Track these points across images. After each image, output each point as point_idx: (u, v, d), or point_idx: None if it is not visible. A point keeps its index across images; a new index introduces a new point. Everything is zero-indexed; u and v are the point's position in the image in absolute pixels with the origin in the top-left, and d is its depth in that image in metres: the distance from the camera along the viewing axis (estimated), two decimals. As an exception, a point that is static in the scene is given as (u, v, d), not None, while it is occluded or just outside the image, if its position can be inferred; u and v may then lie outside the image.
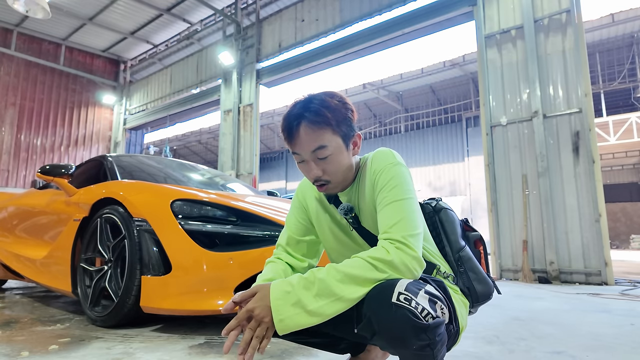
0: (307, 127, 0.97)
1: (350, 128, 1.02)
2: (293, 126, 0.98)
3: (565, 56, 4.83)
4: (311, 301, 0.83)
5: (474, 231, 1.24)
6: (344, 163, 1.01)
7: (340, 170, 1.01)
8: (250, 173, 8.08)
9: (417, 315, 0.78)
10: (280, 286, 0.85)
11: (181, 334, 1.90)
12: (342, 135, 1.00)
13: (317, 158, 0.99)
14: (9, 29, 10.24)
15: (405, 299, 0.79)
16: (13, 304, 2.67)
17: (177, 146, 23.47)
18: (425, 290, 0.84)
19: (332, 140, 0.98)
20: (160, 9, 9.52)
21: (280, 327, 0.83)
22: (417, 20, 6.27)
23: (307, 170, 1.02)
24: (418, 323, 0.78)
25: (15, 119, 10.23)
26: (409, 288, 0.81)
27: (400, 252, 0.86)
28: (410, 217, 0.92)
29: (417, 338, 0.78)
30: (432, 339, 0.79)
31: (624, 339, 1.93)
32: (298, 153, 1.01)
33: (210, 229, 1.92)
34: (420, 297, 0.81)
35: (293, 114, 0.99)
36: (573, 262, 4.50)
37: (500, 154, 5.15)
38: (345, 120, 1.00)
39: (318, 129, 0.97)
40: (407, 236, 0.88)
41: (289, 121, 0.99)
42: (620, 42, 13.58)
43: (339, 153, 1.00)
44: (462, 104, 16.45)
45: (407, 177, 0.98)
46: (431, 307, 0.81)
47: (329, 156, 0.99)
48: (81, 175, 2.90)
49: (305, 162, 1.01)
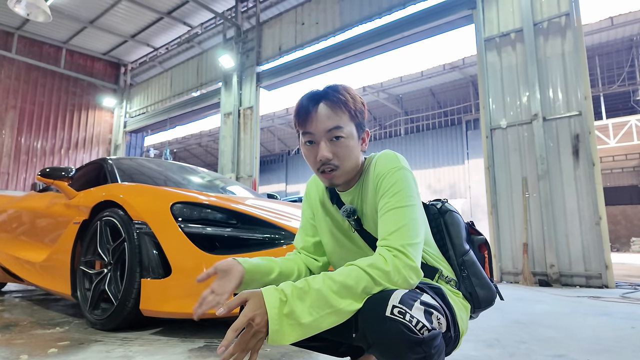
0: (328, 105, 0.98)
1: (363, 121, 1.04)
2: (311, 104, 0.99)
3: (564, 59, 4.84)
4: (305, 314, 0.79)
5: (479, 235, 1.22)
6: (354, 152, 1.01)
7: (349, 158, 1.00)
8: (251, 176, 8.09)
9: (412, 329, 0.77)
10: (275, 294, 0.80)
11: (181, 337, 1.89)
12: (357, 124, 1.01)
13: (332, 138, 0.98)
14: (10, 32, 10.27)
15: (399, 312, 0.77)
16: (12, 307, 2.66)
17: (177, 149, 23.49)
18: (420, 301, 0.82)
19: (348, 125, 0.99)
20: (160, 12, 9.55)
21: (272, 338, 0.78)
22: (417, 24, 6.29)
23: (316, 152, 0.99)
24: (413, 337, 0.76)
25: (15, 122, 10.24)
26: (404, 300, 0.79)
27: (398, 260, 0.85)
28: (410, 225, 0.90)
29: (412, 352, 0.77)
30: (427, 352, 0.77)
31: (625, 342, 1.92)
32: (311, 132, 0.99)
33: (210, 231, 1.91)
34: (415, 309, 0.79)
35: (315, 93, 1.00)
36: (573, 265, 4.49)
37: (500, 156, 5.16)
38: (361, 112, 1.02)
39: (338, 109, 0.98)
40: (405, 245, 0.87)
41: (309, 99, 1.00)
42: (619, 45, 13.62)
43: (352, 139, 1.00)
44: (462, 107, 16.48)
45: (410, 183, 0.97)
46: (427, 319, 0.80)
47: (343, 138, 0.98)
48: (81, 178, 2.90)
49: (315, 143, 1.00)
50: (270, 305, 0.78)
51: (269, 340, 0.78)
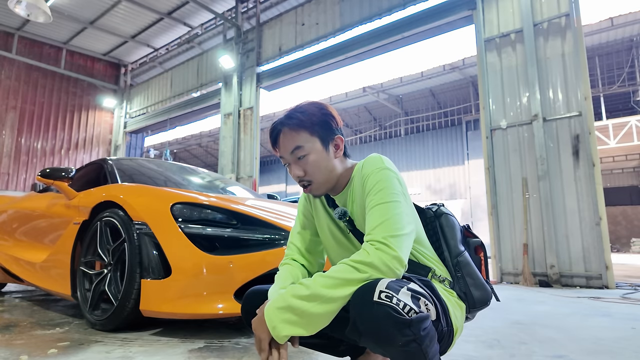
0: (285, 131, 1.08)
1: (330, 131, 1.09)
2: (277, 131, 1.10)
3: (564, 60, 4.84)
4: (299, 304, 0.86)
5: (475, 237, 1.24)
6: (323, 164, 1.07)
7: (320, 171, 1.07)
8: (251, 176, 8.09)
9: (399, 311, 0.79)
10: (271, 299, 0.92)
11: (180, 337, 1.89)
12: (320, 137, 1.07)
13: (297, 158, 1.07)
14: (10, 32, 10.28)
15: (386, 296, 0.80)
16: (12, 308, 2.66)
17: (178, 149, 23.48)
18: (407, 287, 0.84)
19: (309, 141, 1.06)
20: (161, 13, 9.56)
21: (275, 334, 0.87)
22: (417, 24, 6.29)
23: (291, 172, 1.11)
24: (400, 318, 0.79)
25: (15, 123, 10.25)
26: (390, 286, 0.82)
27: (380, 252, 0.88)
28: (393, 219, 0.93)
29: (401, 334, 0.79)
30: (416, 334, 0.79)
31: (625, 342, 1.92)
32: (282, 156, 1.10)
33: (210, 232, 1.91)
34: (401, 294, 0.82)
35: (278, 121, 1.11)
36: (574, 266, 4.49)
37: (500, 157, 5.16)
38: (321, 123, 1.08)
39: (295, 131, 1.06)
40: (387, 237, 0.90)
41: (273, 128, 1.11)
42: (619, 46, 13.62)
43: (316, 154, 1.07)
44: (462, 108, 16.47)
45: (393, 181, 1.00)
46: (414, 303, 0.82)
47: (306, 156, 1.06)
48: (81, 179, 2.90)
49: (289, 165, 1.10)
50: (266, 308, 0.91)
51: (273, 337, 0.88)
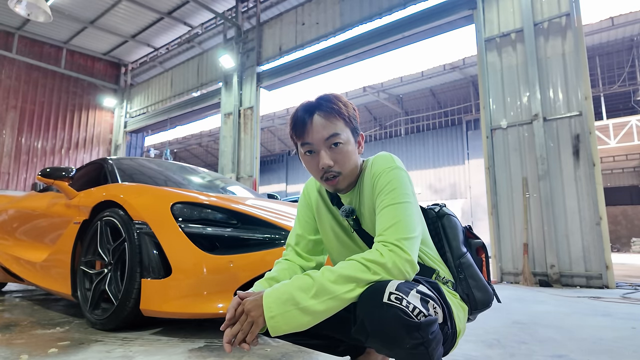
0: (322, 115, 1.02)
1: (357, 126, 1.08)
2: (307, 116, 1.02)
3: (565, 59, 4.84)
4: (304, 298, 0.82)
5: (476, 238, 1.24)
6: (354, 157, 1.05)
7: (349, 163, 1.04)
8: (251, 176, 8.09)
9: (409, 314, 0.79)
10: (274, 287, 0.87)
11: (181, 337, 1.89)
12: (352, 129, 1.06)
13: (331, 145, 1.01)
14: (11, 32, 10.28)
15: (396, 298, 0.80)
16: (13, 307, 2.67)
17: (178, 149, 23.49)
18: (417, 289, 0.84)
19: (344, 131, 1.03)
20: (161, 13, 9.56)
21: (272, 325, 0.81)
22: (417, 24, 6.29)
23: (317, 162, 1.03)
24: (409, 321, 0.78)
25: (16, 122, 10.24)
26: (400, 288, 0.82)
27: (394, 254, 0.87)
28: (406, 221, 0.92)
29: (410, 336, 0.79)
30: (425, 337, 0.79)
31: (625, 342, 1.92)
32: (310, 142, 1.02)
33: (210, 231, 1.91)
34: (411, 296, 0.81)
35: (308, 105, 1.04)
36: (574, 265, 4.49)
37: (500, 156, 5.16)
38: (354, 117, 1.06)
39: (333, 117, 1.02)
40: (401, 239, 0.89)
41: (303, 112, 1.03)
42: (620, 46, 13.61)
43: (349, 144, 1.04)
44: (463, 107, 16.47)
45: (405, 181, 0.99)
46: (423, 306, 0.82)
47: (341, 145, 1.02)
48: (82, 178, 2.90)
49: (315, 153, 1.03)
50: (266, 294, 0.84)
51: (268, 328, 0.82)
